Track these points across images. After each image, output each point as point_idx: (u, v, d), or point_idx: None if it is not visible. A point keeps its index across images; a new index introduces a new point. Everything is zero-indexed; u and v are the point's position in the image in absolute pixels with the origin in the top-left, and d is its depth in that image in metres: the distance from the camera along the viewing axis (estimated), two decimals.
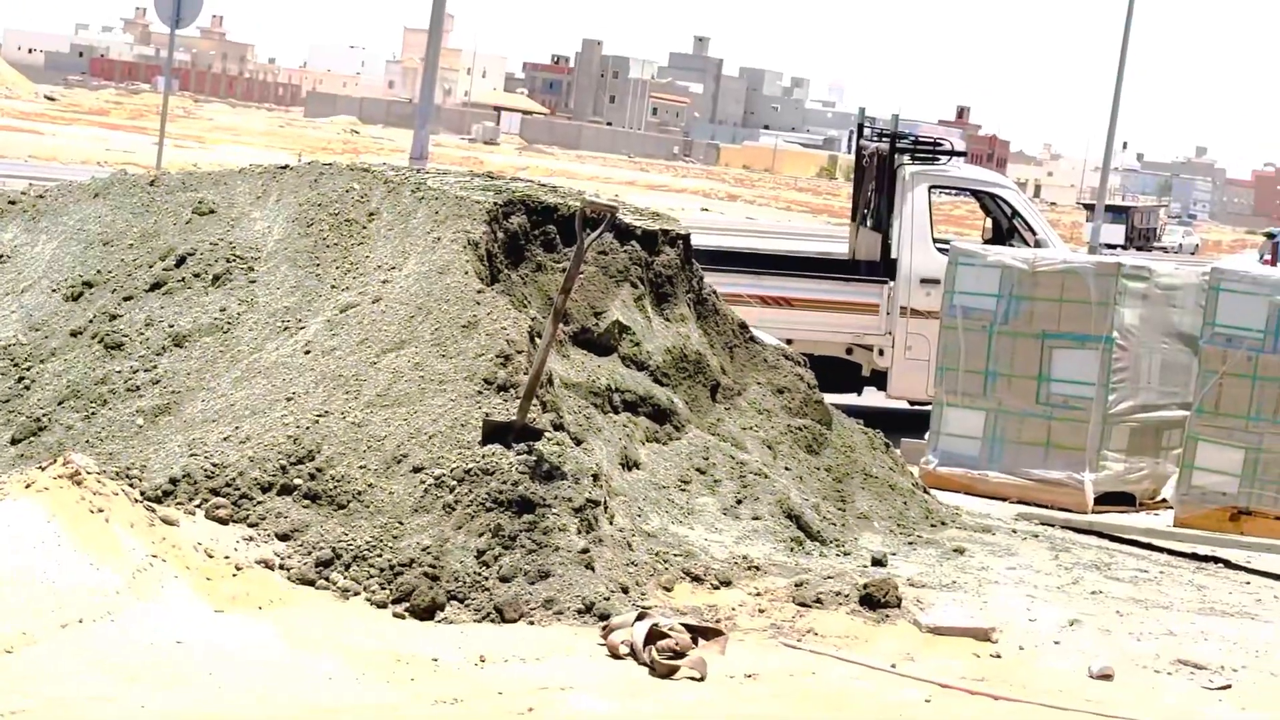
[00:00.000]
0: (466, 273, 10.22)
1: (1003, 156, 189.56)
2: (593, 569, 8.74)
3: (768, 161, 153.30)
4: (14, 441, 9.97)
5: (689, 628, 8.31)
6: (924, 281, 17.20)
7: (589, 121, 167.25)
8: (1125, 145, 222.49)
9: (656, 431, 10.86)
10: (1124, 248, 75.90)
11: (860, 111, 20.22)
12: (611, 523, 9.37)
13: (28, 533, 8.01)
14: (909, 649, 8.75)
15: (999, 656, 8.84)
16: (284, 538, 8.81)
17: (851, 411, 13.16)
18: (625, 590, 8.78)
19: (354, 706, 7.28)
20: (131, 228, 11.39)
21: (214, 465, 9.14)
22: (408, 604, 8.42)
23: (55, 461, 8.59)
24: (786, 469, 11.36)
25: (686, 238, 12.11)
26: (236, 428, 9.46)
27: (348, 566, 8.65)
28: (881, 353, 17.45)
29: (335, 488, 9.02)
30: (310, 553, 8.71)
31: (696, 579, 9.30)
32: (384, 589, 8.52)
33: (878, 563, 10.27)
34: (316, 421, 9.37)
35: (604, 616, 8.45)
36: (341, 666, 7.65)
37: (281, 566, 8.64)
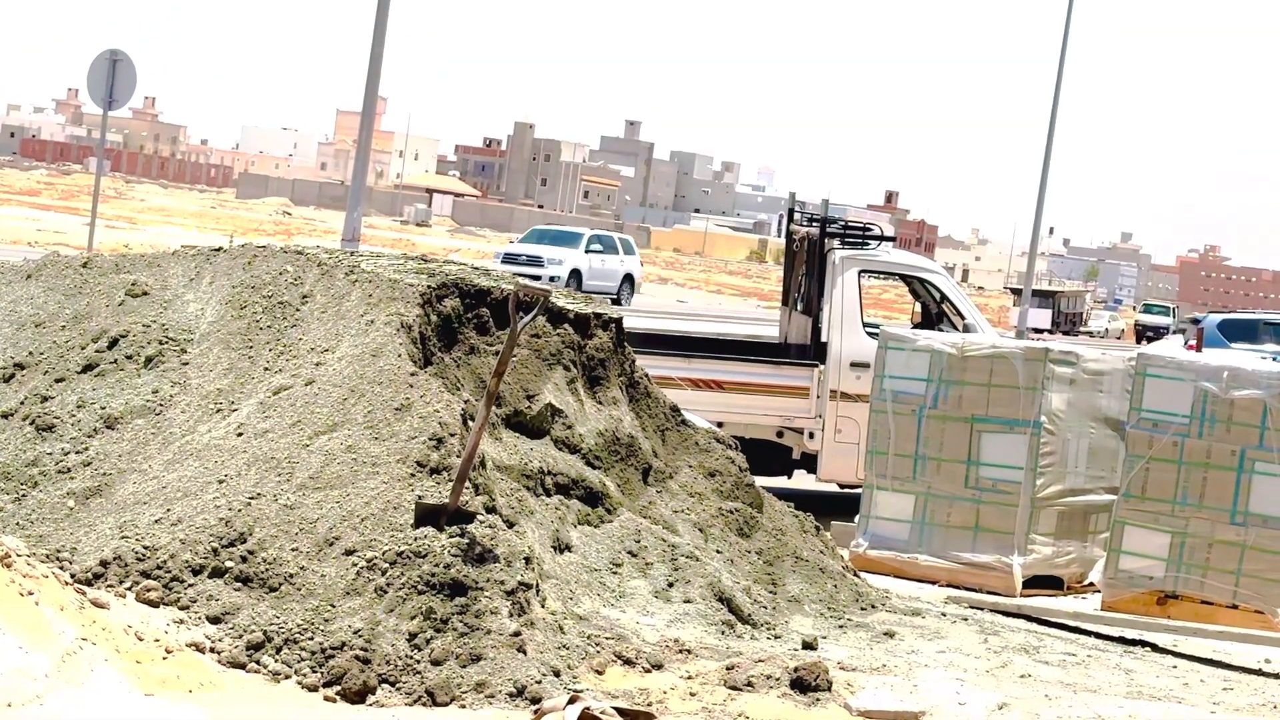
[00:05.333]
0: (400, 355, 10.25)
1: (931, 241, 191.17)
2: (524, 652, 8.74)
3: (698, 244, 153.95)
4: None
5: (620, 711, 8.31)
6: (854, 365, 17.30)
7: (521, 204, 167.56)
8: (1052, 230, 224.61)
9: (588, 514, 10.89)
10: (1050, 332, 76.52)
11: (790, 196, 20.38)
12: (543, 606, 9.38)
13: None
14: None
15: None
16: (215, 620, 8.79)
17: (782, 494, 13.22)
18: (557, 673, 8.79)
19: None
20: (64, 309, 11.38)
21: (145, 548, 9.11)
22: (339, 687, 8.40)
23: None
24: (718, 552, 11.40)
25: (619, 321, 12.18)
26: (168, 510, 9.43)
27: (279, 649, 8.62)
28: (812, 436, 17.52)
29: (267, 570, 9.01)
30: (241, 636, 8.68)
31: (628, 662, 9.31)
32: (315, 672, 8.49)
33: (808, 646, 10.31)
34: (248, 504, 9.36)
35: (536, 700, 8.44)
36: None
37: (212, 649, 8.60)
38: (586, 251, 53.45)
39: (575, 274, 51.39)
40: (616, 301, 48.50)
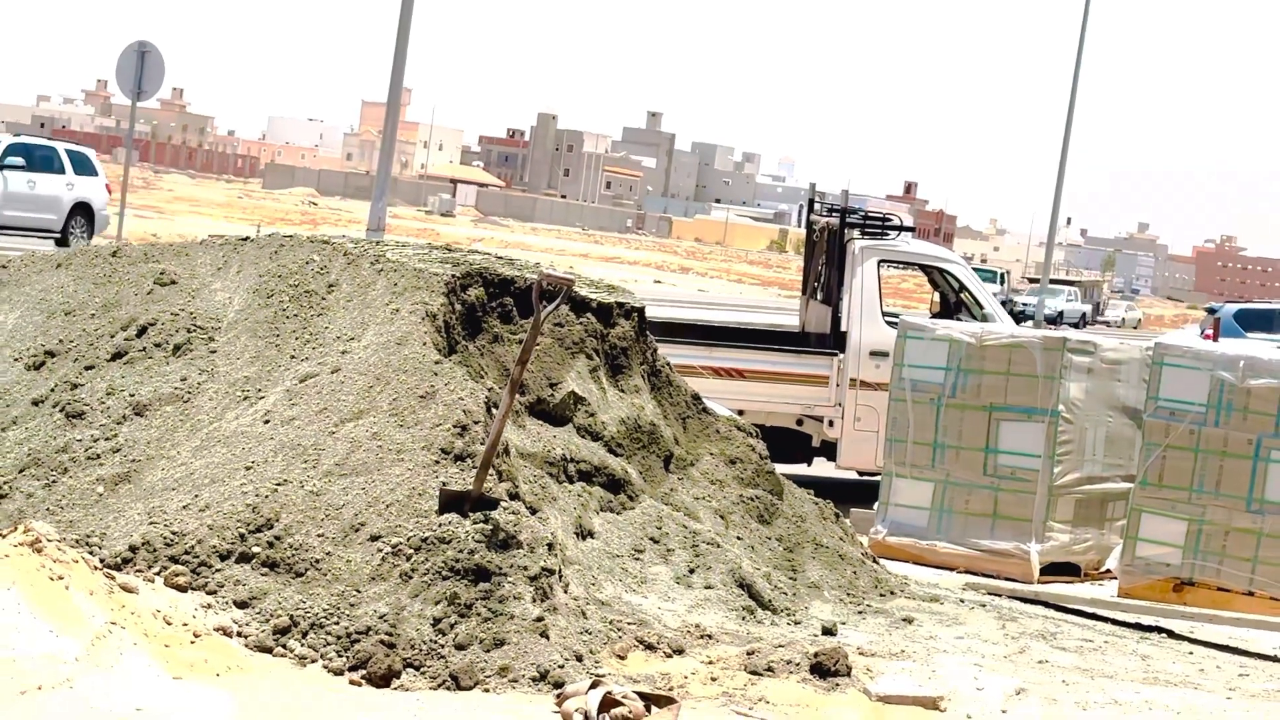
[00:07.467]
0: (424, 344, 10.33)
1: (949, 231, 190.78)
2: (547, 637, 8.82)
3: (719, 234, 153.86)
4: None
5: (642, 696, 8.39)
6: (873, 354, 17.38)
7: (544, 194, 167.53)
8: (1069, 220, 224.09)
9: (611, 501, 10.96)
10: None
11: (811, 186, 20.45)
12: (566, 591, 9.46)
13: None
14: (859, 717, 8.85)
15: None
16: (242, 605, 8.87)
17: (802, 482, 13.29)
18: (579, 658, 8.86)
19: None
20: (93, 298, 11.49)
21: (173, 533, 9.20)
22: (364, 671, 8.48)
23: (15, 529, 8.64)
24: (738, 538, 11.48)
25: (641, 310, 12.26)
26: (196, 496, 9.53)
27: (305, 634, 8.70)
28: (831, 424, 17.60)
29: (293, 556, 9.10)
30: (268, 620, 8.77)
31: (650, 647, 9.38)
32: (341, 656, 8.58)
33: (828, 632, 10.39)
34: (275, 490, 9.45)
35: (558, 684, 8.52)
36: None
37: (239, 634, 8.69)
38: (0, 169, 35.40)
39: None
40: (64, 242, 34.29)
